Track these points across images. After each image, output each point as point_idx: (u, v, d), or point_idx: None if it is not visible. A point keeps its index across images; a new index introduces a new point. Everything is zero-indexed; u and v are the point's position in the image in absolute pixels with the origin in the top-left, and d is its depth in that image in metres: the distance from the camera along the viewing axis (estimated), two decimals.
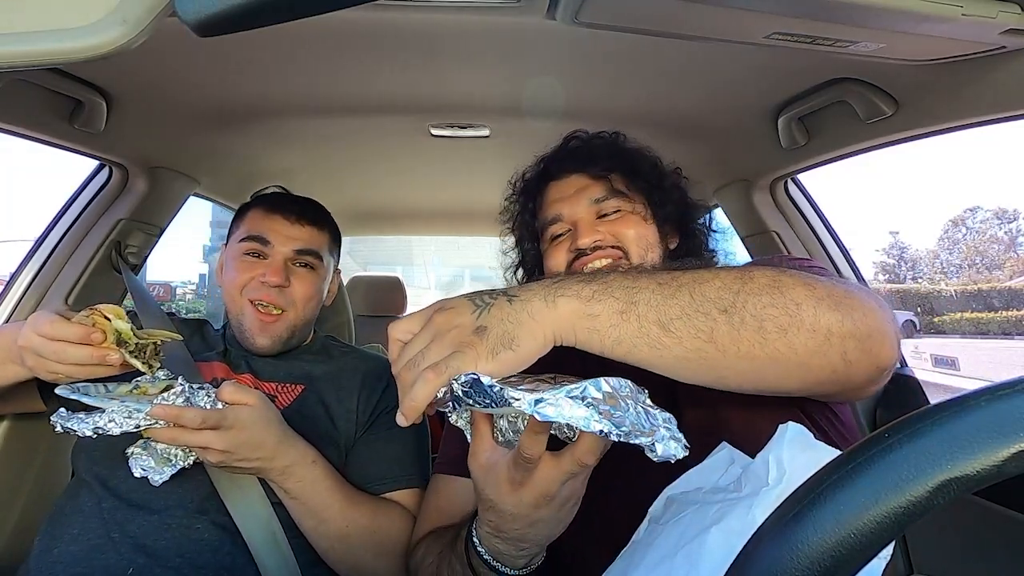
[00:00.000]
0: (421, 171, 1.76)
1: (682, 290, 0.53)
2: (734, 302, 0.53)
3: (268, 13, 0.41)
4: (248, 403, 0.82)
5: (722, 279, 0.54)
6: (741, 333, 0.52)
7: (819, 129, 1.18)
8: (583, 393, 0.47)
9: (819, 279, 0.57)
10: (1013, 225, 29.12)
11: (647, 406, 0.50)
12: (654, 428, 0.47)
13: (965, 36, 0.72)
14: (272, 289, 1.01)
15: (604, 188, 0.88)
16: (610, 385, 0.48)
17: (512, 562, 0.62)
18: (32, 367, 0.76)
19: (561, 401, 0.47)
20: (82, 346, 0.73)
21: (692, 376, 0.55)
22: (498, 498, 0.56)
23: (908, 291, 23.17)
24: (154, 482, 0.79)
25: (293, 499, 0.86)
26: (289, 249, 1.04)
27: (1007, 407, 0.25)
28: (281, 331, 1.03)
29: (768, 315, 0.52)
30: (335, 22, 0.87)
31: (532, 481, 0.53)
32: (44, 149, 1.14)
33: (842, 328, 0.53)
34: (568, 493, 0.55)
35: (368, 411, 1.03)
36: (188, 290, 11.07)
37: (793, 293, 0.54)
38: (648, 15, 0.74)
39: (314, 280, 1.07)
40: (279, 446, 0.84)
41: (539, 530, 0.58)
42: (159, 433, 0.76)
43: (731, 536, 0.44)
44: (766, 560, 0.27)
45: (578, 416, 0.46)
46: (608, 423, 0.46)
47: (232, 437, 0.78)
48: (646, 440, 0.46)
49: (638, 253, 0.85)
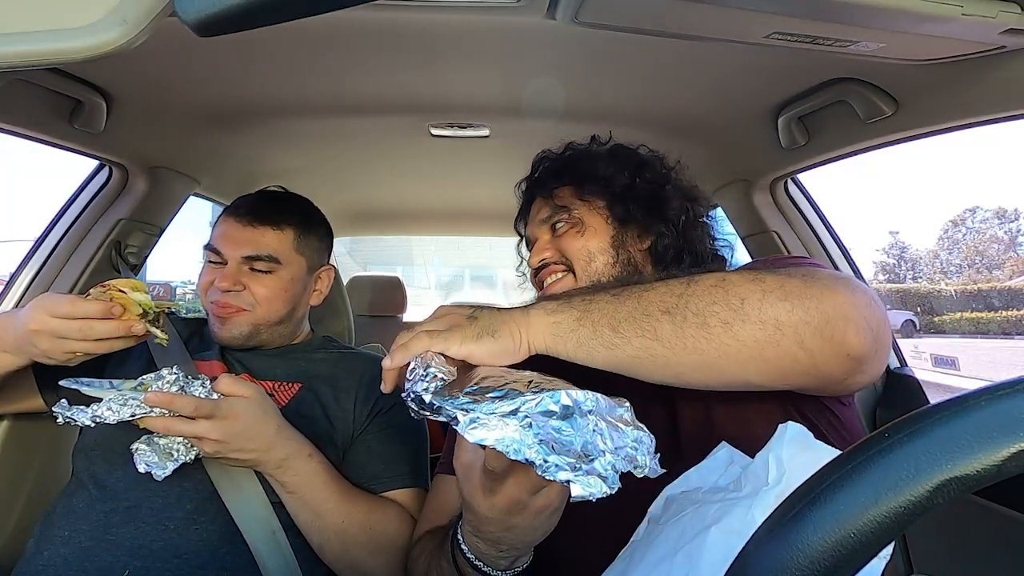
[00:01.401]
0: (421, 171, 1.76)
1: (630, 298, 0.59)
2: (676, 304, 0.58)
3: (268, 13, 0.41)
4: (244, 395, 0.82)
5: (668, 285, 0.60)
6: (684, 330, 0.57)
7: (819, 129, 1.18)
8: (529, 409, 0.46)
9: (773, 273, 0.59)
10: (1013, 225, 29.12)
11: (619, 421, 0.48)
12: (601, 453, 0.45)
13: (965, 36, 0.72)
14: (225, 294, 1.01)
15: (550, 207, 0.93)
16: (571, 398, 0.47)
17: (494, 562, 0.63)
18: (46, 350, 0.77)
19: (492, 422, 0.46)
20: (106, 320, 0.76)
21: (651, 374, 0.59)
22: (473, 500, 0.57)
23: (908, 291, 23.15)
24: (157, 477, 0.79)
25: (290, 493, 0.87)
26: (238, 255, 1.02)
27: (1007, 407, 0.25)
28: (242, 328, 1.03)
29: (711, 312, 0.56)
30: (335, 22, 0.87)
31: (502, 490, 0.54)
32: (45, 149, 1.15)
33: (791, 317, 0.55)
34: (542, 503, 0.54)
35: (366, 411, 1.03)
36: (188, 290, 11.06)
37: (737, 289, 0.57)
38: (648, 15, 0.74)
39: (273, 282, 1.04)
40: (275, 438, 0.84)
41: (516, 535, 0.58)
42: (154, 422, 0.77)
43: (731, 536, 0.44)
44: (766, 560, 0.27)
45: (508, 439, 0.45)
46: (540, 450, 0.44)
47: (227, 427, 0.78)
48: (565, 476, 0.44)
49: (581, 264, 0.88)
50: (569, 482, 0.44)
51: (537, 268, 0.92)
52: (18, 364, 0.84)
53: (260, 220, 1.04)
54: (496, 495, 0.54)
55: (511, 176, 1.06)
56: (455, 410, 0.49)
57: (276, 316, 1.05)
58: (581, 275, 0.87)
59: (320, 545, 0.89)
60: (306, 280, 1.10)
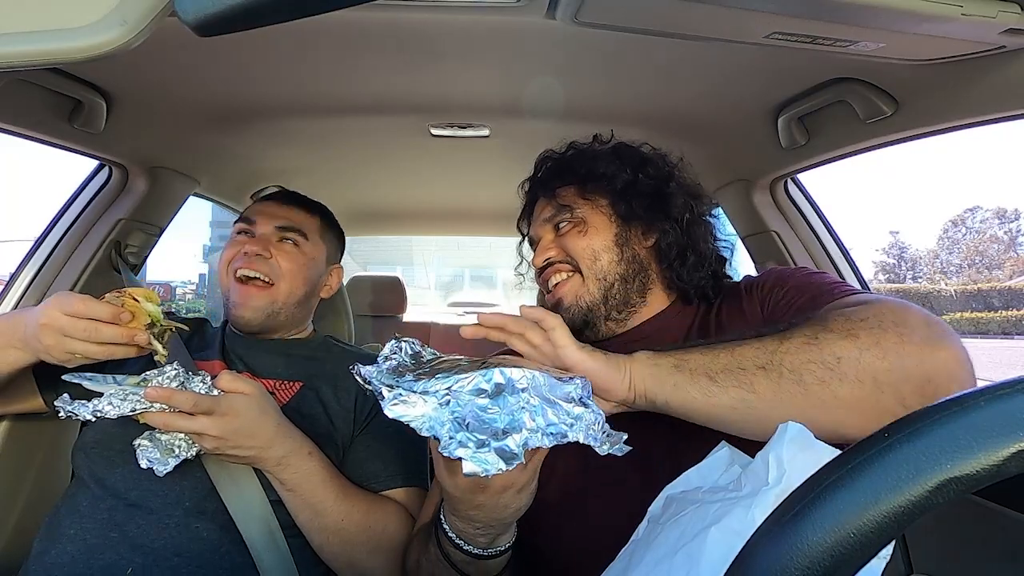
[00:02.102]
0: (421, 171, 1.76)
1: (724, 351, 0.62)
2: (770, 360, 0.60)
3: (268, 13, 0.41)
4: (244, 392, 0.82)
5: (761, 341, 0.62)
6: (781, 385, 0.58)
7: (819, 129, 1.18)
8: (461, 387, 0.47)
9: (864, 328, 0.59)
10: (1013, 225, 29.08)
11: (561, 399, 0.49)
12: (520, 430, 0.46)
13: (965, 36, 0.72)
14: (254, 258, 1.05)
15: (552, 206, 0.93)
16: (504, 376, 0.47)
17: (472, 540, 0.64)
18: (49, 346, 0.78)
19: (412, 398, 0.47)
20: (112, 325, 0.77)
21: (747, 425, 0.61)
22: (441, 479, 0.59)
23: (908, 291, 23.15)
24: (159, 472, 0.80)
25: (289, 491, 0.87)
26: (271, 226, 1.09)
27: (1007, 407, 0.25)
28: (263, 303, 1.05)
29: (807, 369, 0.58)
30: (335, 22, 0.87)
31: (460, 470, 0.55)
32: (45, 149, 1.15)
33: (890, 376, 0.56)
34: (503, 482, 0.55)
35: (366, 411, 1.03)
36: (188, 290, 11.08)
37: (833, 347, 0.58)
38: (648, 15, 0.74)
39: (298, 256, 1.09)
40: (275, 436, 0.84)
41: (486, 512, 0.59)
42: (154, 417, 0.77)
43: (731, 536, 0.44)
44: (766, 560, 0.27)
45: (423, 416, 0.46)
46: (451, 427, 0.45)
47: (226, 424, 0.78)
48: (463, 452, 0.44)
49: (587, 263, 0.88)
50: (462, 459, 0.45)
51: (542, 267, 0.92)
52: (24, 361, 0.84)
53: (293, 201, 1.15)
54: (456, 475, 0.56)
55: (511, 176, 1.06)
56: (382, 386, 0.50)
57: (296, 295, 1.09)
58: (587, 274, 0.87)
59: (320, 544, 0.89)
60: (323, 268, 1.16)
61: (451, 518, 0.64)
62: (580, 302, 0.86)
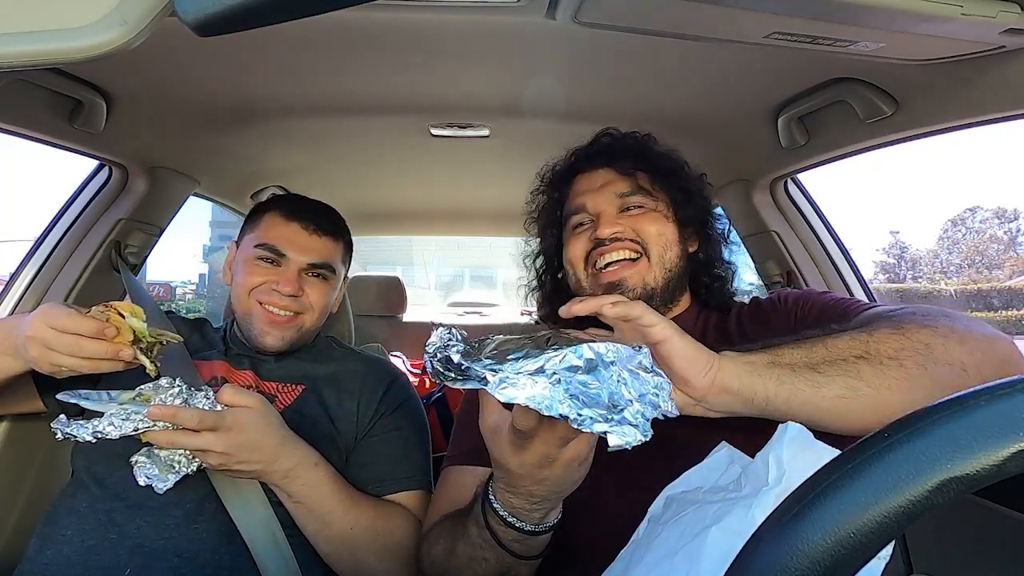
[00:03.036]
0: (421, 171, 1.75)
1: (816, 344, 0.63)
2: (867, 349, 0.61)
3: (268, 13, 0.41)
4: (248, 405, 0.81)
5: (848, 335, 0.63)
6: (884, 372, 0.60)
7: (819, 129, 1.18)
8: (555, 366, 0.47)
9: (934, 320, 0.64)
10: (1013, 225, 29.08)
11: (640, 368, 0.49)
12: (628, 403, 0.46)
13: (965, 36, 0.72)
14: (286, 298, 1.01)
15: (630, 184, 0.91)
16: (593, 351, 0.48)
17: (527, 516, 0.63)
18: (35, 358, 0.76)
19: (521, 380, 0.46)
20: (97, 340, 0.74)
21: (857, 414, 0.60)
22: (503, 459, 0.58)
23: (908, 291, 23.15)
24: (158, 490, 0.79)
25: (297, 503, 0.86)
26: (304, 261, 1.03)
27: (1007, 407, 0.25)
28: (290, 333, 1.03)
29: (904, 355, 0.60)
30: (335, 22, 0.87)
31: (532, 447, 0.55)
32: (46, 149, 1.15)
33: (973, 359, 0.61)
34: (571, 455, 0.56)
35: (369, 413, 1.03)
36: (188, 290, 11.08)
37: (919, 335, 0.62)
38: (648, 15, 0.74)
39: (326, 290, 1.07)
40: (280, 448, 0.83)
41: (548, 486, 0.59)
42: (157, 436, 0.76)
43: (731, 536, 0.44)
44: (766, 560, 0.27)
45: (539, 396, 0.46)
46: (572, 405, 0.45)
47: (231, 439, 0.78)
48: (601, 428, 0.45)
49: (657, 250, 0.87)
50: (606, 433, 0.45)
51: (596, 243, 0.88)
52: (19, 369, 0.83)
53: (323, 230, 1.06)
54: (526, 451, 0.56)
55: (511, 176, 1.07)
56: (484, 371, 0.49)
57: (319, 323, 1.08)
58: (656, 260, 0.87)
59: (328, 552, 0.89)
60: (339, 288, 1.14)
61: (505, 496, 0.63)
62: (645, 286, 0.86)
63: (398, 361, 1.95)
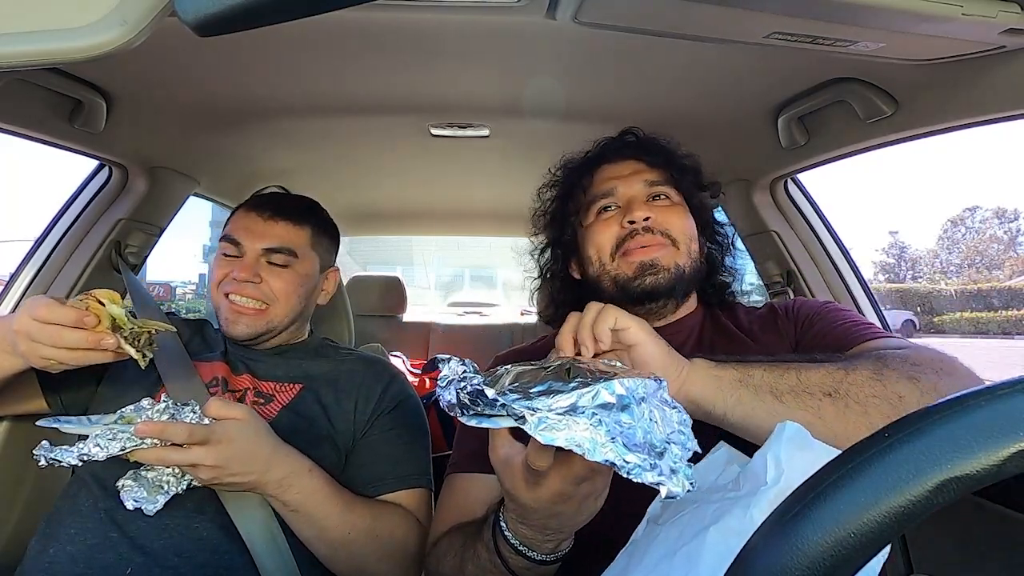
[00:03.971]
0: (421, 171, 1.75)
1: (789, 372, 0.63)
2: (837, 389, 0.61)
3: (268, 13, 0.41)
4: (236, 417, 0.80)
5: (826, 368, 0.63)
6: (847, 415, 0.60)
7: (819, 129, 1.18)
8: (588, 403, 0.45)
9: (922, 372, 0.62)
10: (1013, 225, 29.08)
11: (663, 404, 0.48)
12: (665, 444, 0.45)
13: (965, 36, 0.72)
14: (243, 284, 1.01)
15: (660, 174, 0.92)
16: (624, 387, 0.46)
17: (539, 547, 0.62)
18: (24, 352, 0.76)
19: (563, 421, 0.44)
20: (77, 330, 0.73)
21: None
22: (516, 492, 0.57)
23: (908, 291, 23.15)
24: (148, 512, 0.78)
25: (292, 511, 0.86)
26: (258, 247, 1.04)
27: (1007, 407, 0.25)
28: (257, 322, 1.03)
29: (872, 403, 0.60)
30: (335, 22, 0.87)
31: (546, 484, 0.54)
32: (46, 149, 1.15)
33: None
34: (587, 491, 0.55)
35: (367, 413, 1.03)
36: (188, 290, 11.07)
37: (896, 387, 0.60)
38: (648, 15, 0.74)
39: (291, 277, 1.05)
40: (272, 458, 0.82)
41: (562, 520, 0.58)
42: (146, 454, 0.75)
43: (730, 536, 0.44)
44: (765, 560, 0.27)
45: (580, 439, 0.44)
46: (615, 450, 0.43)
47: (222, 451, 0.77)
48: (652, 478, 0.43)
49: (684, 243, 0.88)
50: (659, 484, 0.43)
51: (630, 230, 0.88)
52: (20, 366, 0.83)
53: (280, 215, 1.06)
54: (540, 487, 0.54)
55: (511, 176, 1.06)
56: (522, 409, 0.46)
57: (291, 314, 1.07)
58: (683, 249, 0.87)
59: (327, 557, 0.89)
60: (317, 278, 1.12)
61: (516, 526, 0.62)
62: (677, 267, 0.86)
63: (398, 361, 1.95)
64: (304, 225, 1.09)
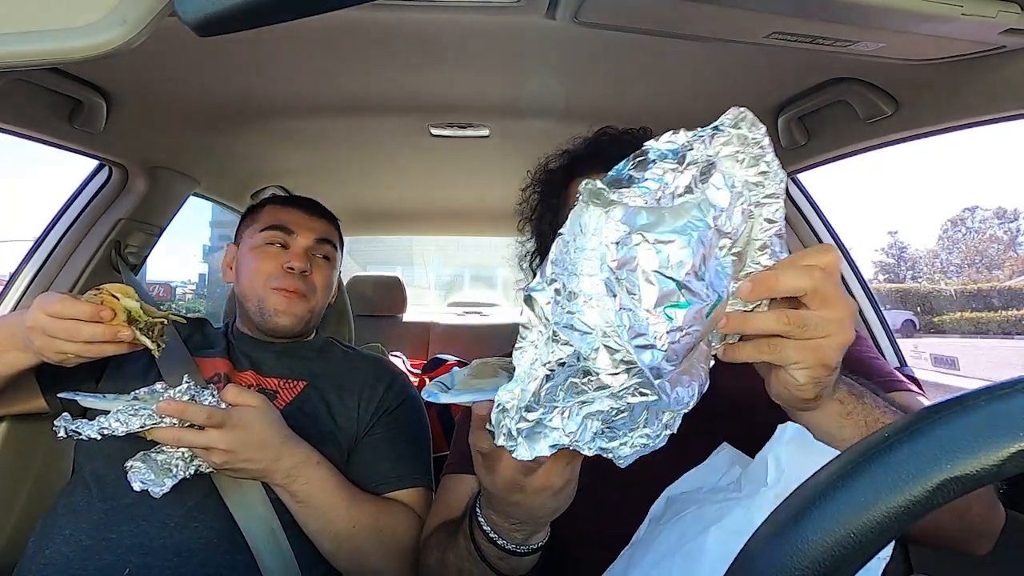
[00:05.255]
0: (421, 171, 1.76)
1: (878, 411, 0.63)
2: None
3: (268, 13, 0.41)
4: (252, 404, 0.82)
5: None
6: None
7: (819, 129, 1.18)
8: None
9: None
10: (1013, 225, 29.10)
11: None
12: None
13: (965, 36, 0.72)
14: (297, 277, 1.04)
15: None
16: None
17: (508, 535, 0.63)
18: (40, 348, 0.78)
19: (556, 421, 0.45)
20: (94, 324, 0.75)
21: None
22: (479, 476, 0.58)
23: (908, 291, 23.15)
24: (154, 494, 0.79)
25: (299, 503, 0.86)
26: (311, 237, 1.08)
27: (1007, 407, 0.25)
28: (303, 311, 1.06)
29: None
30: (335, 22, 0.87)
31: (498, 469, 0.54)
32: (46, 149, 1.15)
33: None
34: (539, 484, 0.54)
35: (370, 411, 1.03)
36: (188, 290, 11.06)
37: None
38: (648, 15, 0.74)
39: (330, 271, 1.11)
40: (283, 447, 0.84)
41: (522, 511, 0.58)
42: (163, 433, 0.76)
43: (730, 536, 0.44)
44: (766, 560, 0.27)
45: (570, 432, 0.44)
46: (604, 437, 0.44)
47: (237, 436, 0.78)
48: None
49: None
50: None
51: None
52: (27, 363, 0.84)
53: (319, 213, 1.14)
54: (495, 473, 0.55)
55: (511, 176, 1.06)
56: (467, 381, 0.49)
57: (324, 306, 1.11)
58: None
59: (330, 550, 0.89)
60: (337, 275, 1.17)
61: (488, 512, 0.63)
62: None
63: (398, 361, 1.95)
64: (334, 223, 1.16)
